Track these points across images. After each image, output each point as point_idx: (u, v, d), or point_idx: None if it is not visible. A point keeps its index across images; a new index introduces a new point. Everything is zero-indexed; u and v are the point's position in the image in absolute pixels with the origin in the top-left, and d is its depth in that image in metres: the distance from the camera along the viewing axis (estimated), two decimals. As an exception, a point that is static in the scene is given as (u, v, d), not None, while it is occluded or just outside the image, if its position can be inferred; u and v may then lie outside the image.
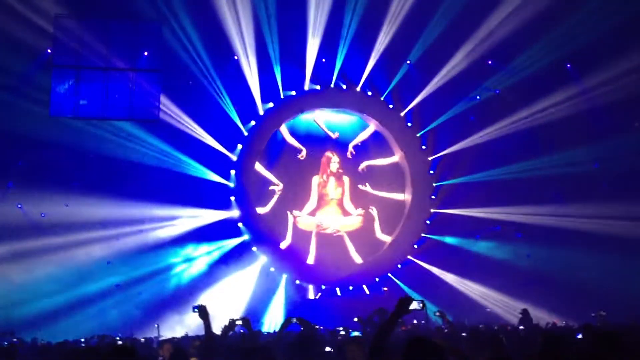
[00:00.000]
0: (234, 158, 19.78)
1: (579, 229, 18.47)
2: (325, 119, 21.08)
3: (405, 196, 21.08)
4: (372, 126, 21.10)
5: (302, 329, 7.80)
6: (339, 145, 20.98)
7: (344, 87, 20.64)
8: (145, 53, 17.85)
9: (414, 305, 5.01)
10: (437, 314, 8.62)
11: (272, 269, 19.80)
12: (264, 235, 19.86)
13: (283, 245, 20.08)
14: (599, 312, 14.02)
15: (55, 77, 17.10)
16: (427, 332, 11.24)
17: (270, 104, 20.13)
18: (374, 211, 20.83)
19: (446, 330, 9.48)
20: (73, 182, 17.92)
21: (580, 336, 6.96)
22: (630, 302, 15.66)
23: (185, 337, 12.62)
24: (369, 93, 20.76)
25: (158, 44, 17.79)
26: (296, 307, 18.20)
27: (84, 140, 17.70)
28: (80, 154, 17.87)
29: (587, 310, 14.79)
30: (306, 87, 20.35)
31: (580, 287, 17.92)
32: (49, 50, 17.52)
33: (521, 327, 13.07)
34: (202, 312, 6.19)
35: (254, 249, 19.74)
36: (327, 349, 6.43)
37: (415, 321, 14.11)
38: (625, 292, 16.31)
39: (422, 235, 20.74)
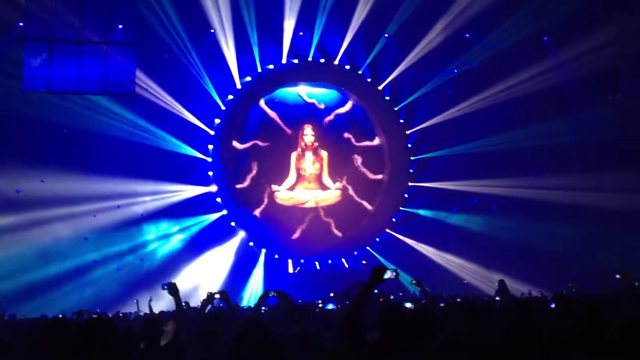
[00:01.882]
0: (212, 133, 19.66)
1: (555, 201, 18.73)
2: (307, 90, 21.00)
3: (383, 170, 21.14)
4: (350, 102, 21.06)
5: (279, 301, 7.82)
6: (319, 118, 20.94)
7: (322, 60, 20.53)
8: (120, 26, 17.55)
9: (388, 274, 5.06)
10: (414, 282, 8.62)
11: (250, 244, 19.85)
12: (242, 210, 19.85)
13: (261, 220, 20.10)
14: (573, 285, 14.25)
15: (27, 51, 16.75)
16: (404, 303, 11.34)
17: (248, 78, 19.98)
18: (349, 184, 20.88)
19: (423, 301, 9.55)
20: (48, 158, 17.73)
21: (553, 305, 7.06)
22: (603, 273, 15.91)
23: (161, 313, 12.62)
24: (347, 67, 20.68)
25: (133, 17, 17.48)
26: (275, 282, 18.26)
27: (59, 115, 17.43)
28: (56, 129, 17.66)
29: (562, 281, 15.06)
30: (284, 61, 20.20)
31: (555, 258, 18.22)
32: (21, 24, 17.16)
33: (497, 298, 13.26)
34: (172, 289, 6.25)
35: (233, 223, 19.74)
36: None
37: (392, 296, 14.22)
38: (600, 263, 16.55)
39: (400, 208, 20.88)
